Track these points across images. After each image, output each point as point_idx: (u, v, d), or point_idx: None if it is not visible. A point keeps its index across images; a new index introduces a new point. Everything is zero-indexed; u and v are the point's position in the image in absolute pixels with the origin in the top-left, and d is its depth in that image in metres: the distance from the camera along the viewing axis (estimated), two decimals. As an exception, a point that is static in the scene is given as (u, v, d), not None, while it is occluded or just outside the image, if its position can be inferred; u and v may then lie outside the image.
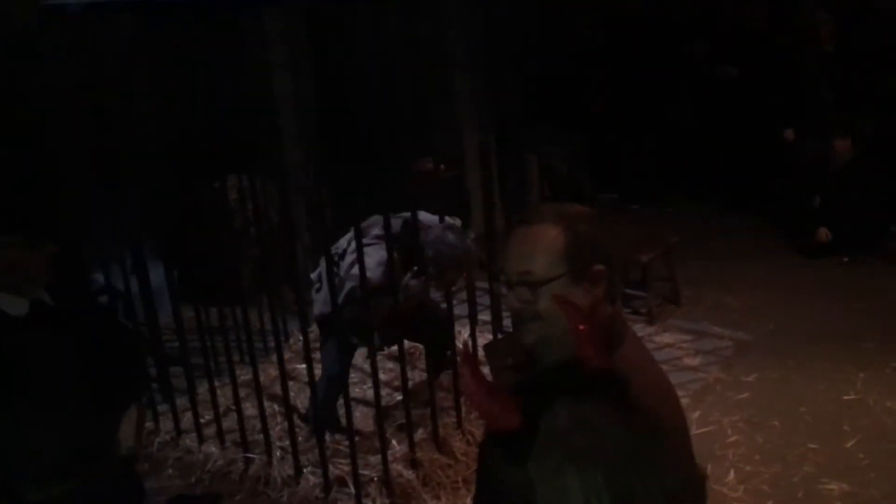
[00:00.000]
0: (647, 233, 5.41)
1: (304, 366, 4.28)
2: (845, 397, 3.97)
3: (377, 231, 3.36)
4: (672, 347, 4.48)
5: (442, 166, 4.10)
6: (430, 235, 3.38)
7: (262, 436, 3.55)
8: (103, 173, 3.63)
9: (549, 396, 1.08)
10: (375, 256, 3.25)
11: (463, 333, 4.28)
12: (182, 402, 3.89)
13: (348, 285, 3.31)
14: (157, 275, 3.88)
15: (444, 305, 3.61)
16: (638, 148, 7.14)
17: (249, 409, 3.80)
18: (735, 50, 6.58)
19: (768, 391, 4.04)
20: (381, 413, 3.31)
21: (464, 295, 3.88)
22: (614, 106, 7.26)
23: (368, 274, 3.11)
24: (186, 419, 3.87)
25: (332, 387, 3.56)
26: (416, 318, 3.52)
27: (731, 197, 6.53)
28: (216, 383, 3.76)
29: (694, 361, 4.36)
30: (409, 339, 3.58)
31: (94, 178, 3.84)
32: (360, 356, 4.38)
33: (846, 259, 5.52)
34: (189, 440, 3.80)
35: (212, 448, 3.70)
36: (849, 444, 3.60)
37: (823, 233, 5.59)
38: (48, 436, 1.07)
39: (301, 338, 4.68)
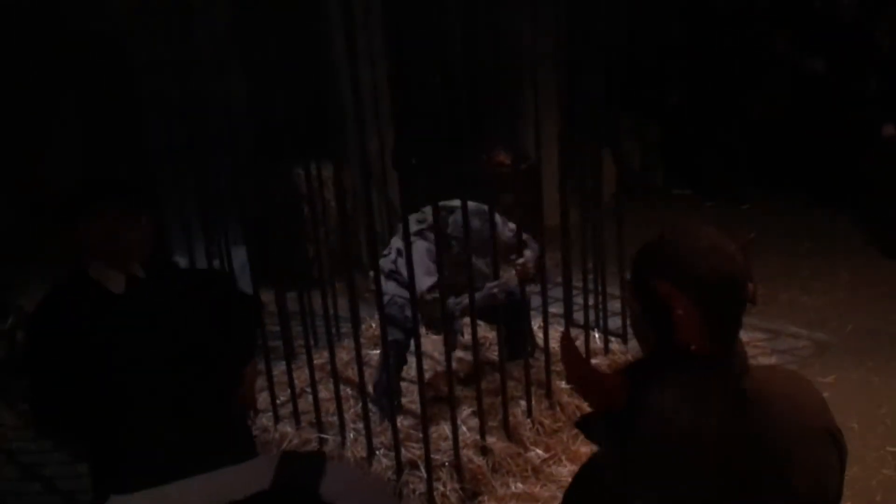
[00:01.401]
0: (722, 229, 5.32)
1: (376, 351, 4.39)
2: (927, 401, 3.86)
3: (415, 226, 3.44)
4: (747, 346, 4.39)
5: (517, 159, 4.12)
6: (451, 224, 3.45)
7: (335, 417, 3.63)
8: (189, 154, 3.74)
9: (654, 378, 1.10)
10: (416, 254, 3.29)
11: (534, 325, 4.31)
12: (259, 382, 4.01)
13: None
14: (238, 258, 4.01)
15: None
16: (715, 142, 7.02)
17: (323, 391, 3.89)
18: (821, 41, 6.39)
19: (847, 392, 3.94)
20: (454, 399, 3.35)
21: (535, 287, 3.90)
22: (692, 99, 7.15)
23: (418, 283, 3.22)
24: (263, 399, 3.99)
25: (396, 356, 3.65)
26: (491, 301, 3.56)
27: (813, 194, 6.36)
28: (293, 365, 3.86)
29: (770, 361, 4.29)
30: (484, 321, 3.61)
31: (179, 158, 3.97)
32: (429, 343, 4.45)
33: (930, 261, 5.34)
34: (265, 419, 3.92)
35: (287, 427, 3.81)
36: (929, 449, 3.50)
37: (906, 233, 5.42)
38: (160, 399, 1.13)
39: (373, 325, 4.83)
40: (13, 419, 4.18)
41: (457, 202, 3.36)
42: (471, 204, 3.29)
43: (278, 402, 3.91)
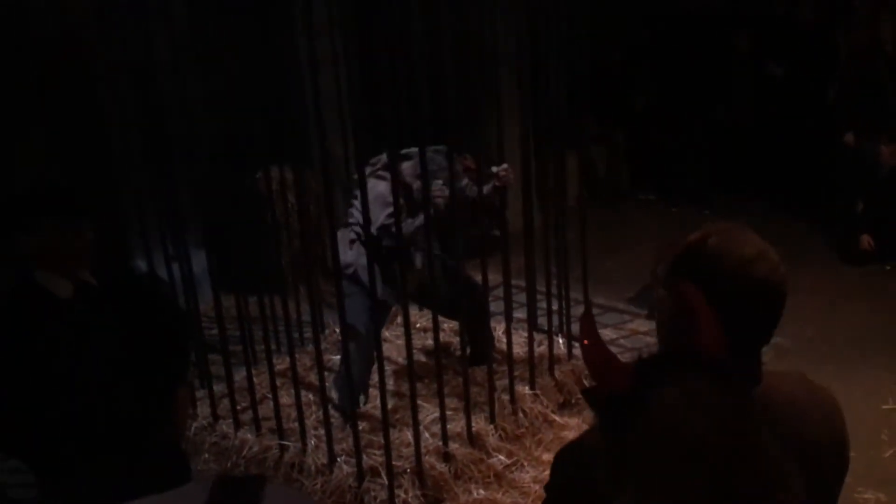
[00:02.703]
0: (683, 234, 5.37)
1: (339, 357, 4.34)
2: (884, 406, 3.91)
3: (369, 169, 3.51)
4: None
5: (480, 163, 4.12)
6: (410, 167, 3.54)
7: (297, 424, 3.59)
8: (150, 159, 3.69)
9: (662, 375, 1.08)
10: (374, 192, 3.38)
11: (498, 330, 4.30)
12: (219, 388, 3.95)
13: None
14: (198, 262, 3.95)
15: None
16: (678, 147, 7.08)
17: (285, 397, 3.84)
18: (783, 45, 6.46)
19: (806, 398, 3.98)
20: (416, 405, 3.33)
21: (499, 292, 3.89)
22: (656, 104, 7.21)
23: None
24: (223, 405, 3.94)
25: (360, 350, 3.60)
26: (451, 290, 3.55)
27: (773, 200, 6.44)
28: (253, 371, 3.81)
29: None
30: (443, 315, 3.60)
31: (139, 163, 3.91)
32: (393, 349, 4.43)
33: (888, 267, 5.43)
34: (226, 426, 3.86)
35: (248, 434, 3.75)
36: (887, 454, 3.54)
37: (866, 240, 5.50)
38: (94, 414, 1.09)
39: (336, 330, 4.78)
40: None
41: (413, 149, 3.41)
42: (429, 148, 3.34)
43: (239, 408, 3.85)
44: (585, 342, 1.19)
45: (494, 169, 3.63)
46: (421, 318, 4.80)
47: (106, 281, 2.17)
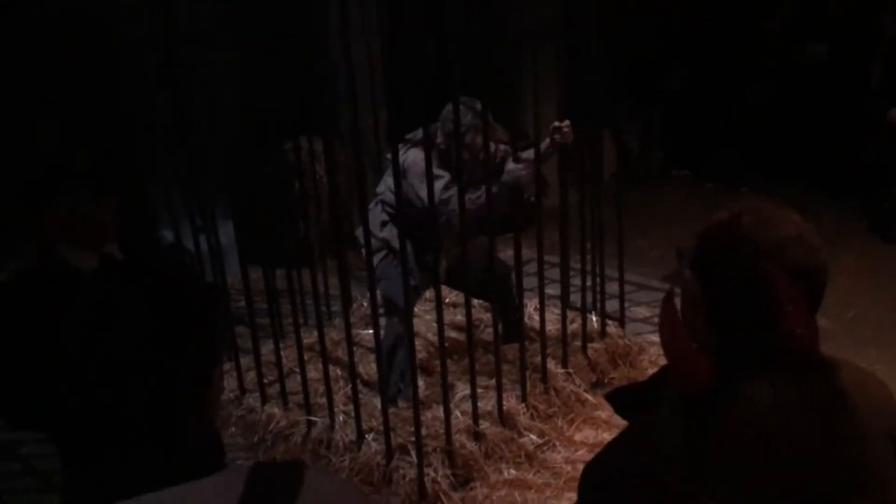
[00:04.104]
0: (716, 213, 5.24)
1: (367, 331, 4.28)
2: (930, 390, 3.78)
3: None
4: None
5: (515, 139, 4.01)
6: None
7: (324, 399, 3.53)
8: (176, 130, 3.63)
9: (752, 368, 0.98)
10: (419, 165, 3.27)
11: (530, 307, 4.21)
12: (246, 361, 3.91)
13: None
14: (225, 234, 3.89)
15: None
16: (714, 127, 6.92)
17: (312, 371, 3.79)
18: (825, 26, 6.28)
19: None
20: (446, 382, 3.25)
21: (532, 268, 3.79)
22: (692, 82, 7.05)
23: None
24: (250, 379, 3.89)
25: (396, 333, 3.50)
26: (480, 271, 3.46)
27: (814, 179, 6.26)
28: (280, 344, 3.75)
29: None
30: (472, 295, 3.51)
31: (166, 134, 3.85)
32: (422, 325, 4.35)
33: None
34: (252, 399, 3.82)
35: (275, 409, 3.71)
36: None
37: (907, 220, 5.33)
38: (124, 395, 1.01)
39: (364, 304, 4.72)
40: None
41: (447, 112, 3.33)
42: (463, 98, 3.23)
43: (266, 382, 3.80)
44: (667, 331, 1.08)
45: (557, 123, 3.52)
46: (450, 293, 4.71)
47: (132, 255, 2.10)
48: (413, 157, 3.37)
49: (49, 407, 1.88)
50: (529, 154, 3.59)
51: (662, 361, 3.72)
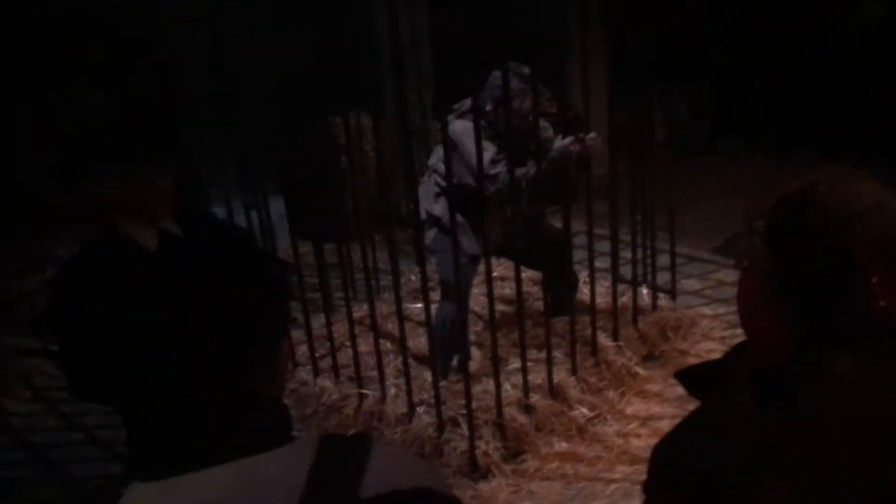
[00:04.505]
0: (771, 183, 5.12)
1: (415, 305, 4.30)
2: None
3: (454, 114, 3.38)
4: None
5: (563, 108, 3.96)
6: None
7: (375, 372, 3.56)
8: (224, 106, 3.66)
9: (839, 342, 0.95)
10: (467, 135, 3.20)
11: (579, 280, 4.18)
12: (297, 335, 3.96)
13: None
14: (275, 209, 3.93)
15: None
16: (765, 93, 6.75)
17: (363, 345, 3.82)
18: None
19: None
20: (497, 356, 3.26)
21: (581, 240, 3.77)
22: (741, 50, 6.88)
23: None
24: (301, 352, 3.94)
25: (450, 306, 3.49)
26: (533, 240, 3.44)
27: (868, 148, 6.08)
28: (331, 319, 3.79)
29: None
30: (524, 265, 3.50)
31: (216, 111, 3.88)
32: (471, 298, 4.35)
33: None
34: (304, 373, 3.88)
35: (327, 382, 3.76)
36: None
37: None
38: (192, 368, 1.03)
39: (413, 278, 4.74)
40: (55, 369, 4.19)
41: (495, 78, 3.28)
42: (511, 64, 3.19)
43: (317, 355, 3.85)
44: (746, 303, 1.05)
45: (582, 136, 3.45)
46: (498, 266, 4.71)
47: (192, 230, 2.14)
48: (461, 128, 3.34)
49: (117, 381, 1.94)
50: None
51: (715, 335, 3.68)
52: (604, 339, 3.79)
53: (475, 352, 3.82)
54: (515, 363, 3.53)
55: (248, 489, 0.87)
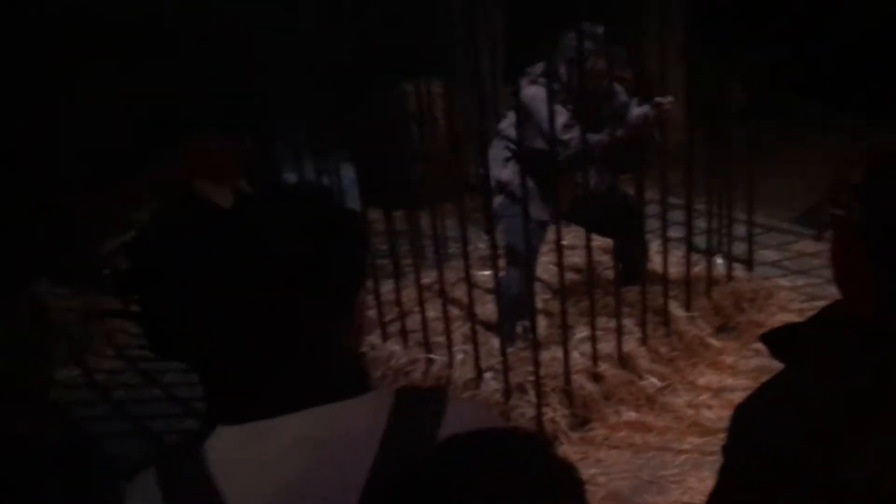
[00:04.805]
0: (860, 149, 4.90)
1: (483, 272, 4.30)
2: None
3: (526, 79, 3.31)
4: None
5: (638, 74, 3.86)
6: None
7: (443, 338, 3.58)
8: (299, 72, 3.70)
9: None
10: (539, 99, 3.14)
11: (651, 249, 4.10)
12: (366, 300, 4.00)
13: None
14: (346, 176, 3.96)
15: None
16: (853, 53, 6.44)
17: (431, 311, 3.84)
18: None
19: None
20: (565, 323, 3.23)
21: (654, 209, 3.69)
22: (829, 9, 6.57)
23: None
24: (370, 317, 3.99)
25: (522, 271, 3.45)
26: (607, 207, 3.37)
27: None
28: (400, 284, 3.82)
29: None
30: (597, 233, 3.44)
31: (290, 76, 3.92)
32: (540, 267, 4.32)
33: None
34: (373, 337, 3.92)
35: (395, 346, 3.80)
36: None
37: None
38: (271, 323, 1.05)
39: (481, 245, 4.73)
40: (135, 326, 4.35)
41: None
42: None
43: (386, 320, 3.89)
44: (840, 255, 1.01)
45: (658, 99, 3.34)
46: (568, 234, 4.65)
47: (266, 188, 2.19)
48: (534, 93, 3.28)
49: (195, 337, 2.00)
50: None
51: (792, 307, 3.56)
52: (676, 309, 3.72)
53: (542, 320, 3.79)
54: (584, 332, 3.50)
55: (329, 435, 0.89)
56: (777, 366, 1.10)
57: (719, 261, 4.07)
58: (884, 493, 0.92)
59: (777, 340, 1.11)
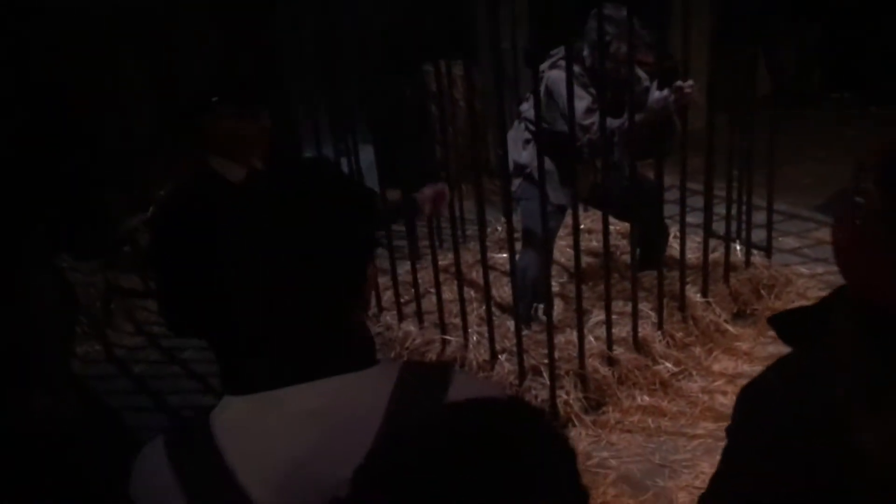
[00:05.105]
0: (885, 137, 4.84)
1: (501, 255, 4.30)
2: None
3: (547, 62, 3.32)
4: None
5: (661, 57, 3.82)
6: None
7: (458, 319, 3.59)
8: (319, 53, 3.70)
9: None
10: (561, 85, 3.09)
11: (669, 234, 4.08)
12: (384, 281, 4.03)
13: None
14: (365, 157, 3.97)
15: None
16: (880, 42, 6.34)
17: (447, 292, 3.85)
18: None
19: None
20: (580, 306, 3.23)
21: (673, 195, 3.66)
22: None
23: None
24: (387, 297, 4.01)
25: (539, 254, 3.43)
26: (626, 191, 3.36)
27: None
28: (417, 266, 3.83)
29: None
30: (615, 217, 3.41)
31: (311, 57, 3.93)
32: (557, 250, 4.32)
33: None
34: (389, 317, 3.95)
35: (411, 327, 3.82)
36: None
37: None
38: (278, 294, 1.07)
39: (499, 228, 4.73)
40: (155, 304, 4.40)
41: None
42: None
43: (402, 301, 3.91)
44: (846, 229, 1.01)
45: (679, 83, 3.30)
46: (585, 219, 4.65)
47: (281, 165, 2.20)
48: (556, 76, 3.27)
49: (209, 309, 2.02)
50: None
51: (811, 294, 3.55)
52: (692, 295, 3.71)
53: (558, 303, 3.79)
54: (599, 316, 3.50)
55: (335, 406, 0.91)
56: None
57: (738, 247, 4.04)
58: (889, 475, 0.92)
59: (785, 324, 1.11)
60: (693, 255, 3.85)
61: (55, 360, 2.17)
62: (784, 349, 1.12)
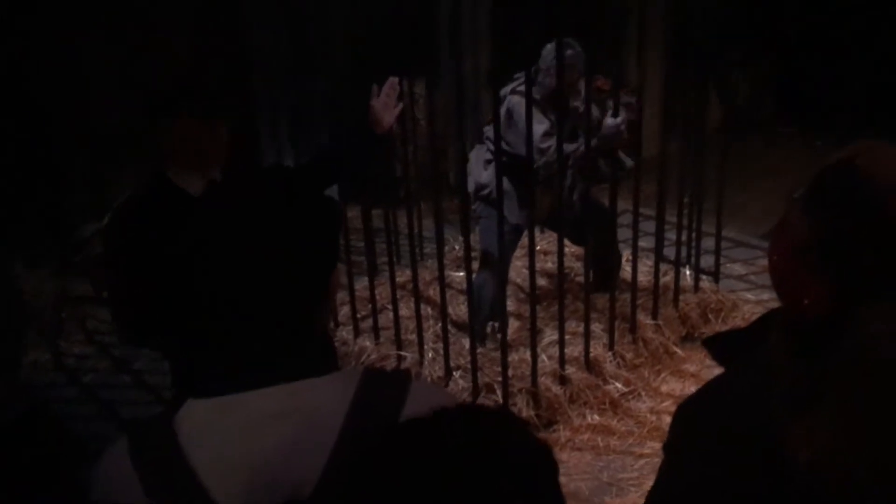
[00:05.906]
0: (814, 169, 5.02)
1: (458, 273, 4.36)
2: None
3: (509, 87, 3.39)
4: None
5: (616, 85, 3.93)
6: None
7: (415, 336, 3.63)
8: (285, 68, 3.72)
9: (866, 299, 0.96)
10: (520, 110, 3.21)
11: (622, 257, 4.18)
12: (341, 296, 4.04)
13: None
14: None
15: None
16: (834, 77, 6.57)
17: (404, 309, 3.89)
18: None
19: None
20: (535, 326, 3.29)
21: (626, 219, 3.76)
22: (806, 28, 6.70)
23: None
24: (344, 312, 4.03)
25: (494, 274, 3.50)
26: (581, 215, 3.44)
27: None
28: (375, 282, 3.86)
29: None
30: (570, 240, 3.48)
31: (277, 70, 3.95)
32: (513, 270, 4.39)
33: None
34: (346, 332, 3.96)
35: (367, 342, 3.84)
36: None
37: None
38: (242, 304, 1.09)
39: (457, 247, 4.79)
40: (107, 314, 4.35)
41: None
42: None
43: (359, 316, 3.93)
44: (778, 254, 1.07)
45: (625, 99, 3.42)
46: (542, 240, 4.73)
47: (240, 175, 2.19)
48: (517, 100, 3.36)
49: (164, 324, 2.01)
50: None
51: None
52: (643, 317, 3.80)
53: (513, 322, 3.85)
54: (553, 335, 3.57)
55: (296, 410, 0.94)
56: None
57: (687, 272, 4.16)
58: (820, 484, 0.98)
59: (719, 345, 1.17)
60: (644, 278, 3.95)
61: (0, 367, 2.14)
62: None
